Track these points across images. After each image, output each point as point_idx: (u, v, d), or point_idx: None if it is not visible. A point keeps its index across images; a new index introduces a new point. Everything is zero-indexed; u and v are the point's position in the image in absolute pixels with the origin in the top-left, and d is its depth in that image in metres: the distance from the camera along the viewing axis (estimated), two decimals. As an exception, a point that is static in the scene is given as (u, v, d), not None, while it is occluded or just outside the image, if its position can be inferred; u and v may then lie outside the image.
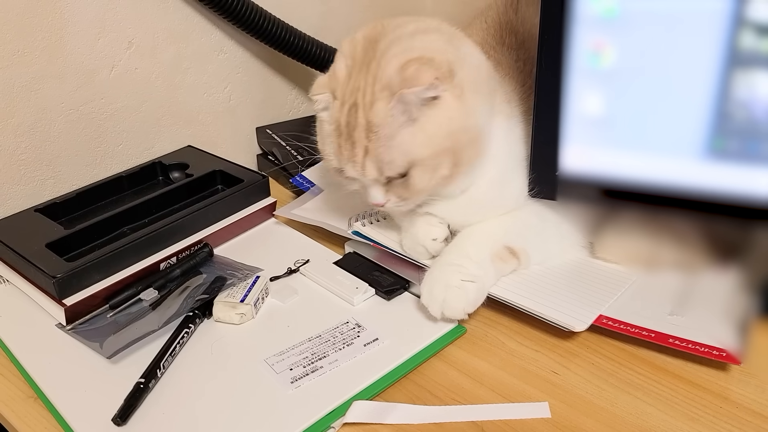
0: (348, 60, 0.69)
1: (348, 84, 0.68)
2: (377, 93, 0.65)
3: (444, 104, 0.65)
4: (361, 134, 0.66)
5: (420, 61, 0.64)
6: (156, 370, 0.64)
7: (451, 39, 0.69)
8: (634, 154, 0.66)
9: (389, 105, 0.64)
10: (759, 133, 0.59)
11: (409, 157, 0.66)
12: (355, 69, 0.68)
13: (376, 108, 0.65)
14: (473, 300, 0.69)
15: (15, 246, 0.76)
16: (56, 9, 0.85)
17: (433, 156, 0.66)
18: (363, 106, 0.66)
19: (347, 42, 0.71)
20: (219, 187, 0.92)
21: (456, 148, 0.66)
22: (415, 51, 0.65)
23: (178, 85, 0.99)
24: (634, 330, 0.65)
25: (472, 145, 0.68)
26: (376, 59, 0.66)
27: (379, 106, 0.65)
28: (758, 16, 0.56)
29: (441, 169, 0.67)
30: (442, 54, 0.66)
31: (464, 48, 0.70)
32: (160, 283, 0.76)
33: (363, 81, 0.66)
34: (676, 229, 0.73)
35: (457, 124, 0.66)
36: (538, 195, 0.73)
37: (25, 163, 0.88)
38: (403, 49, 0.66)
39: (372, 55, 0.67)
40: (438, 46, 0.67)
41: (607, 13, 0.62)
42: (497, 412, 0.60)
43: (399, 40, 0.67)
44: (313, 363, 0.65)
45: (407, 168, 0.66)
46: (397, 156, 0.66)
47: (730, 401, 0.60)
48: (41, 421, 0.62)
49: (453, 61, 0.66)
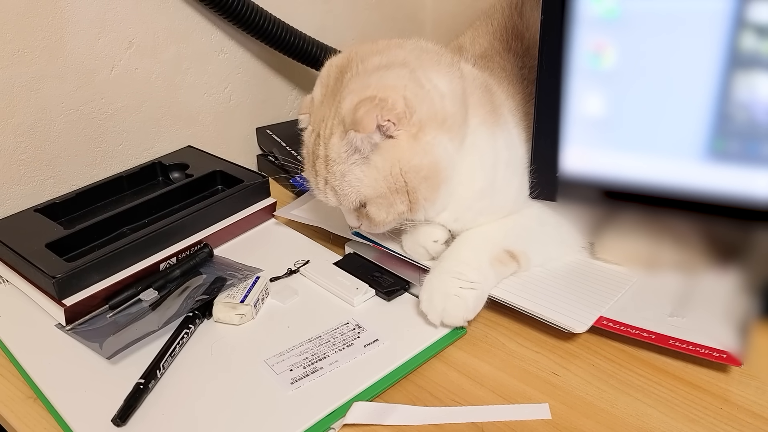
0: (323, 87, 0.72)
1: (319, 111, 0.71)
2: (334, 128, 0.67)
3: (394, 146, 0.66)
4: (321, 165, 0.69)
5: (371, 103, 0.64)
6: (156, 370, 0.64)
7: (415, 73, 0.67)
8: (634, 155, 0.66)
9: (342, 141, 0.66)
10: (759, 134, 0.59)
11: (360, 195, 0.67)
12: (327, 97, 0.70)
13: (332, 142, 0.67)
14: (473, 307, 0.69)
15: (15, 246, 0.76)
16: (56, 9, 0.85)
17: (383, 196, 0.67)
18: (323, 138, 0.68)
19: (326, 65, 0.73)
20: (219, 187, 0.92)
21: (409, 188, 0.67)
22: (371, 89, 0.65)
23: (178, 85, 0.99)
24: (635, 331, 0.65)
25: (427, 181, 0.67)
26: (340, 92, 0.68)
27: (333, 141, 0.67)
28: (759, 18, 0.56)
29: (396, 205, 0.68)
30: (399, 92, 0.65)
31: (432, 79, 0.68)
32: (159, 284, 0.76)
33: (328, 112, 0.69)
34: (676, 230, 0.73)
35: (408, 165, 0.66)
36: (539, 196, 0.73)
37: (25, 162, 0.88)
38: (361, 86, 0.66)
39: (338, 87, 0.69)
40: (397, 83, 0.66)
41: (607, 14, 0.62)
42: (497, 414, 0.60)
43: (360, 76, 0.67)
44: (313, 364, 0.65)
45: (362, 203, 0.68)
46: (350, 192, 0.68)
47: (730, 403, 0.60)
48: (41, 421, 0.62)
49: (411, 98, 0.65)
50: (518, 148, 0.74)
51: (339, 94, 0.68)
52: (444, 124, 0.67)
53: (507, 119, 0.73)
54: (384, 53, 0.70)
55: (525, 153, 0.74)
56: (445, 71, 0.70)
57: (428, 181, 0.67)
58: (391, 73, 0.67)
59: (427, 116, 0.66)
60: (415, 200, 0.68)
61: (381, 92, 0.65)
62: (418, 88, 0.67)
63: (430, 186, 0.68)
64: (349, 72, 0.69)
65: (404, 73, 0.67)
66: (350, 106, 0.65)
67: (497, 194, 0.73)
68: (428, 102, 0.66)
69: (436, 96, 0.67)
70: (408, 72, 0.67)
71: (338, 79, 0.70)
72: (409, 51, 0.71)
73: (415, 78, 0.67)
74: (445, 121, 0.67)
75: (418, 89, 0.66)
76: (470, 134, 0.70)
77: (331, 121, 0.68)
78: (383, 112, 0.64)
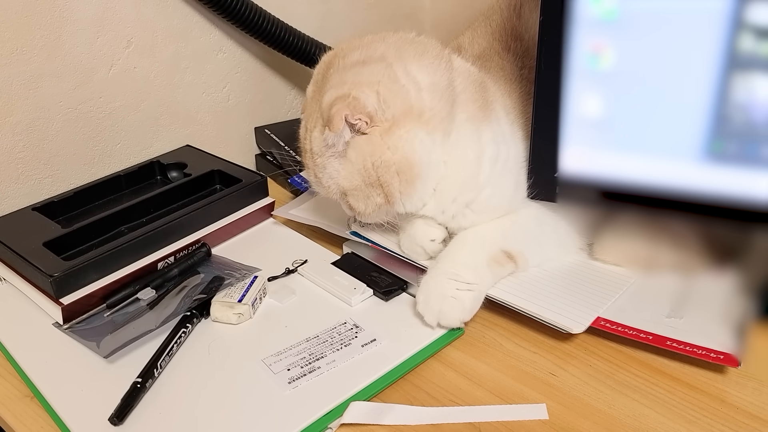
0: (313, 84, 0.74)
1: (309, 107, 0.73)
2: (316, 121, 0.70)
3: (366, 141, 0.67)
4: (309, 159, 0.72)
5: (343, 102, 0.65)
6: (153, 369, 0.63)
7: (392, 67, 0.68)
8: (632, 156, 0.66)
9: (321, 136, 0.68)
10: (757, 136, 0.59)
11: (339, 187, 0.70)
12: (315, 93, 0.72)
13: (313, 136, 0.70)
14: (469, 309, 0.69)
15: (12, 244, 0.76)
16: (55, 7, 0.85)
17: (359, 188, 0.69)
18: (309, 131, 0.71)
19: (320, 62, 0.75)
20: (217, 186, 0.92)
21: (382, 181, 0.68)
22: (347, 86, 0.67)
23: (176, 84, 0.99)
24: (632, 332, 0.65)
25: (400, 176, 0.68)
26: (324, 87, 0.70)
27: (315, 135, 0.70)
28: (757, 19, 0.56)
29: (373, 197, 0.69)
30: (373, 88, 0.66)
31: (410, 72, 0.68)
32: (157, 283, 0.76)
33: (314, 106, 0.71)
34: (674, 231, 0.73)
35: (378, 160, 0.67)
36: (537, 196, 0.73)
37: (23, 161, 0.88)
38: (339, 82, 0.68)
39: (324, 82, 0.71)
40: (371, 79, 0.67)
41: (606, 14, 0.62)
42: (494, 414, 0.60)
43: (339, 72, 0.69)
44: (310, 363, 0.65)
45: (342, 194, 0.70)
46: (331, 183, 0.70)
47: (727, 404, 0.60)
48: (37, 420, 0.62)
49: (384, 94, 0.66)
50: (512, 147, 0.73)
51: (322, 91, 0.70)
52: (420, 118, 0.67)
53: (499, 116, 0.73)
54: (364, 48, 0.71)
55: (521, 152, 0.73)
56: (428, 62, 0.70)
57: (401, 176, 0.68)
58: (367, 69, 0.68)
59: (401, 111, 0.67)
60: (389, 193, 0.69)
61: (354, 89, 0.66)
62: (393, 83, 0.67)
63: (405, 180, 0.68)
64: (332, 68, 0.71)
65: (380, 68, 0.68)
66: (327, 103, 0.67)
67: (485, 190, 0.72)
68: (402, 96, 0.67)
69: (413, 89, 0.68)
70: (384, 67, 0.68)
71: (324, 74, 0.72)
72: (390, 44, 0.71)
73: (390, 73, 0.68)
74: (421, 114, 0.67)
75: (392, 84, 0.67)
76: (456, 129, 0.70)
77: (315, 116, 0.70)
78: (354, 111, 0.65)
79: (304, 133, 0.73)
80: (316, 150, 0.70)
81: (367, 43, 0.71)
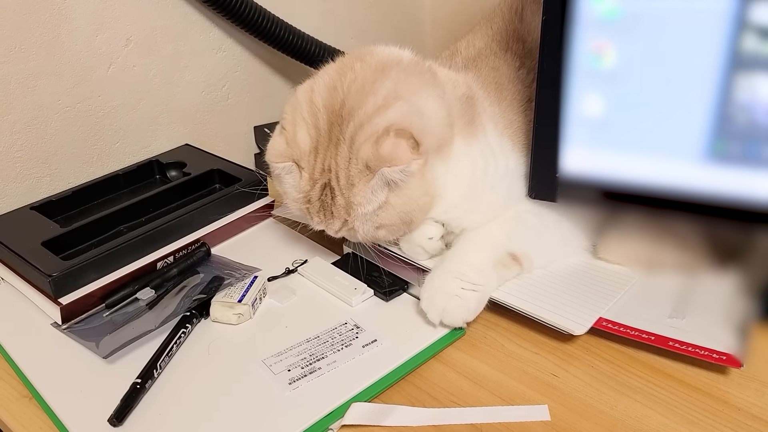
0: (311, 130, 0.69)
1: (316, 160, 0.69)
2: (354, 176, 0.66)
3: (410, 183, 0.66)
4: (340, 211, 0.69)
5: (394, 135, 0.64)
6: (153, 370, 0.63)
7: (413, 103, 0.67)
8: (634, 156, 0.66)
9: (368, 185, 0.66)
10: (760, 136, 0.59)
11: (377, 225, 0.69)
12: (322, 144, 0.68)
13: (356, 190, 0.67)
14: (473, 309, 0.68)
15: (10, 244, 0.76)
16: (54, 5, 0.85)
17: (395, 224, 0.69)
18: (340, 189, 0.68)
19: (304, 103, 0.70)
20: (216, 186, 0.92)
21: (413, 219, 0.70)
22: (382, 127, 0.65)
23: (176, 83, 0.99)
24: (634, 333, 0.65)
25: (425, 210, 0.70)
26: (346, 141, 0.67)
27: (358, 188, 0.67)
28: (760, 19, 0.56)
29: (401, 230, 0.71)
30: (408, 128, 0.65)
31: (426, 104, 0.68)
32: (156, 283, 0.75)
33: (334, 162, 0.67)
34: (677, 231, 0.73)
35: (416, 204, 0.68)
36: (539, 197, 0.73)
37: (21, 160, 0.87)
38: (372, 132, 0.65)
39: (338, 135, 0.67)
40: (403, 120, 0.66)
41: (609, 14, 0.62)
42: (496, 415, 0.59)
43: (364, 126, 0.66)
44: (311, 364, 0.64)
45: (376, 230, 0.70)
46: (369, 227, 0.69)
47: (729, 405, 0.60)
48: (36, 421, 0.61)
49: (416, 131, 0.65)
50: (501, 158, 0.73)
51: (343, 144, 0.67)
52: (440, 149, 0.68)
53: (486, 129, 0.73)
54: (375, 92, 0.68)
55: (512, 161, 0.74)
56: (432, 93, 0.70)
57: (426, 209, 0.70)
58: (393, 112, 0.66)
59: (429, 145, 0.67)
60: (415, 226, 0.71)
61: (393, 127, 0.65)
62: (418, 118, 0.67)
63: (427, 212, 0.70)
64: (351, 122, 0.67)
65: (404, 107, 0.67)
66: (371, 149, 0.65)
67: (482, 198, 0.73)
68: (428, 131, 0.67)
69: (432, 122, 0.68)
70: (406, 104, 0.67)
71: (334, 124, 0.68)
72: (396, 80, 0.69)
73: (415, 110, 0.67)
74: (441, 145, 0.68)
75: (418, 120, 0.67)
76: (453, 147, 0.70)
77: (345, 172, 0.67)
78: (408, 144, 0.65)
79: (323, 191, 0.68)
80: (357, 201, 0.67)
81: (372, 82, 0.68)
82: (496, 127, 0.74)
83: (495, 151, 0.73)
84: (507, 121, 0.75)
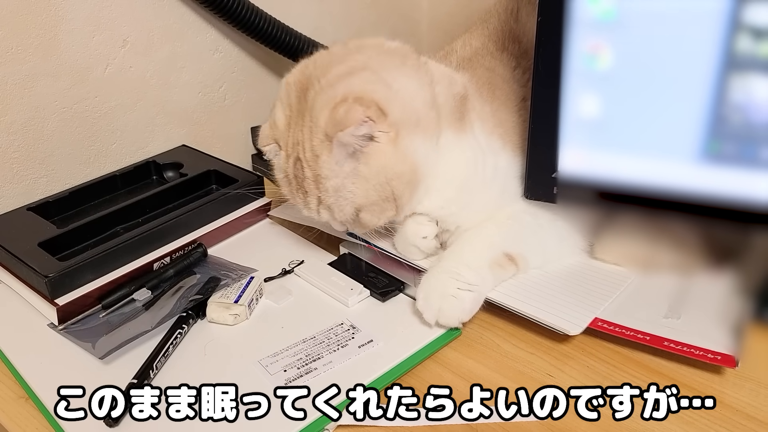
0: (286, 109, 0.70)
1: (289, 135, 0.70)
2: (317, 147, 0.66)
3: (377, 152, 0.66)
4: (311, 186, 0.69)
5: (348, 101, 0.64)
6: (149, 371, 0.63)
7: (380, 75, 0.67)
8: (630, 157, 0.66)
9: (331, 155, 0.66)
10: (755, 137, 0.59)
11: (355, 205, 0.68)
12: (293, 119, 0.69)
13: (321, 161, 0.66)
14: (469, 309, 0.68)
15: (7, 245, 0.76)
16: (51, 6, 0.85)
17: (375, 203, 0.68)
18: (307, 161, 0.68)
19: (283, 86, 0.72)
20: (213, 186, 0.92)
21: (395, 193, 0.68)
22: (340, 95, 0.65)
23: (172, 84, 0.99)
24: (630, 333, 0.65)
25: (410, 185, 0.68)
26: (308, 110, 0.67)
27: (323, 159, 0.66)
28: (755, 20, 0.56)
29: (386, 211, 0.69)
30: (370, 94, 0.65)
31: (398, 80, 0.68)
32: (153, 283, 0.75)
33: (300, 134, 0.68)
34: (673, 231, 0.73)
35: (392, 172, 0.67)
36: (535, 197, 0.73)
37: (18, 161, 0.87)
38: (330, 98, 0.66)
39: (304, 106, 0.68)
40: (364, 87, 0.66)
41: (604, 15, 0.62)
42: (492, 415, 0.60)
43: (325, 90, 0.66)
44: (307, 365, 0.65)
45: (356, 212, 0.69)
46: (345, 205, 0.68)
47: (724, 405, 0.60)
48: (32, 421, 0.61)
49: (382, 99, 0.65)
50: (488, 156, 0.73)
51: (307, 114, 0.67)
52: (419, 125, 0.68)
53: (474, 127, 0.73)
54: (343, 62, 0.69)
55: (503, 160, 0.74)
56: (410, 71, 0.70)
57: (410, 185, 0.69)
58: (356, 78, 0.67)
59: (400, 118, 0.66)
60: (400, 204, 0.69)
61: (353, 93, 0.65)
62: (386, 89, 0.67)
63: (412, 188, 0.69)
64: (311, 89, 0.68)
65: (369, 76, 0.67)
66: (327, 116, 0.65)
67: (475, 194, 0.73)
68: (399, 103, 0.66)
69: (406, 96, 0.68)
70: (372, 74, 0.67)
71: (301, 98, 0.69)
72: (369, 55, 0.70)
73: (381, 79, 0.67)
74: (419, 121, 0.68)
75: (385, 91, 0.66)
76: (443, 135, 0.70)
77: (309, 143, 0.67)
78: (362, 108, 0.64)
79: (296, 164, 0.69)
80: (325, 173, 0.66)
81: (343, 56, 0.70)
82: (484, 126, 0.74)
83: (484, 149, 0.73)
84: (498, 120, 0.75)
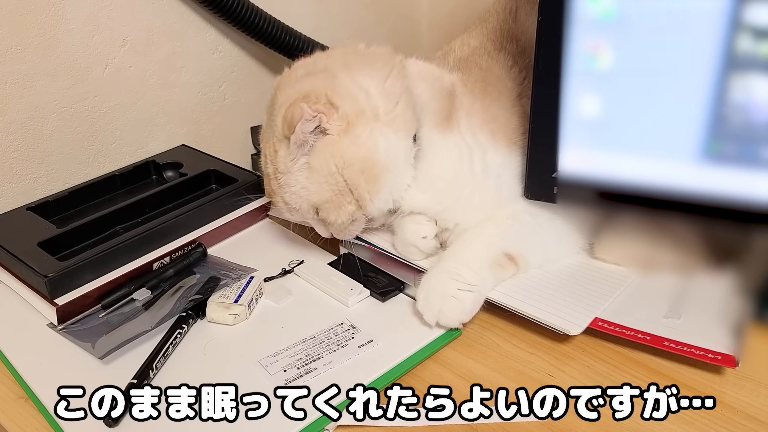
0: (265, 112, 0.76)
1: (264, 136, 0.75)
2: (276, 144, 0.71)
3: (327, 143, 0.68)
4: (274, 184, 0.72)
5: (297, 102, 0.67)
6: (148, 371, 0.63)
7: (335, 75, 0.70)
8: (630, 156, 0.66)
9: (287, 151, 0.69)
10: (755, 136, 0.59)
11: (309, 202, 0.70)
12: (267, 121, 0.74)
13: (278, 156, 0.70)
14: (469, 310, 0.68)
15: (6, 244, 0.76)
16: (50, 6, 0.85)
17: (330, 199, 0.69)
18: (269, 156, 0.72)
19: None
20: (213, 186, 0.92)
21: (350, 185, 0.69)
22: (293, 96, 0.69)
23: (172, 83, 0.99)
24: (630, 333, 0.65)
25: (365, 174, 0.69)
26: (275, 112, 0.71)
27: (280, 154, 0.70)
28: (755, 20, 0.56)
29: (345, 206, 0.70)
30: (320, 90, 0.68)
31: (356, 80, 0.70)
32: (153, 283, 0.75)
33: (268, 131, 0.73)
34: (673, 231, 0.73)
35: (341, 159, 0.68)
36: (535, 197, 0.73)
37: (17, 160, 0.87)
38: (286, 98, 0.70)
39: (272, 108, 0.73)
40: (316, 85, 0.69)
41: (605, 15, 0.62)
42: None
43: (285, 89, 0.72)
44: (307, 365, 0.64)
45: (315, 209, 0.71)
46: (301, 201, 0.70)
47: (724, 405, 0.60)
48: (32, 421, 0.61)
49: (331, 95, 0.68)
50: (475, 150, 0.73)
51: (272, 116, 0.72)
52: (378, 118, 0.69)
53: (461, 123, 0.73)
54: (309, 65, 0.74)
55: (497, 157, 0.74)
56: (376, 71, 0.72)
57: (366, 174, 0.69)
58: (310, 79, 0.71)
59: (353, 111, 0.68)
60: (359, 197, 0.70)
61: (302, 92, 0.69)
62: (338, 86, 0.69)
63: (370, 177, 0.69)
64: (279, 93, 0.73)
65: (323, 76, 0.71)
66: (281, 117, 0.69)
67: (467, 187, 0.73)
68: (350, 99, 0.69)
69: (360, 93, 0.70)
70: (327, 75, 0.71)
71: (273, 100, 0.74)
72: (335, 58, 0.74)
73: (333, 79, 0.70)
74: (377, 115, 0.69)
75: (337, 88, 0.69)
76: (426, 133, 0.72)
77: (272, 140, 0.71)
78: (309, 104, 0.67)
79: (264, 160, 0.74)
80: (281, 168, 0.70)
81: (312, 61, 0.75)
82: (472, 121, 0.74)
83: (470, 145, 0.73)
84: (490, 116, 0.75)
